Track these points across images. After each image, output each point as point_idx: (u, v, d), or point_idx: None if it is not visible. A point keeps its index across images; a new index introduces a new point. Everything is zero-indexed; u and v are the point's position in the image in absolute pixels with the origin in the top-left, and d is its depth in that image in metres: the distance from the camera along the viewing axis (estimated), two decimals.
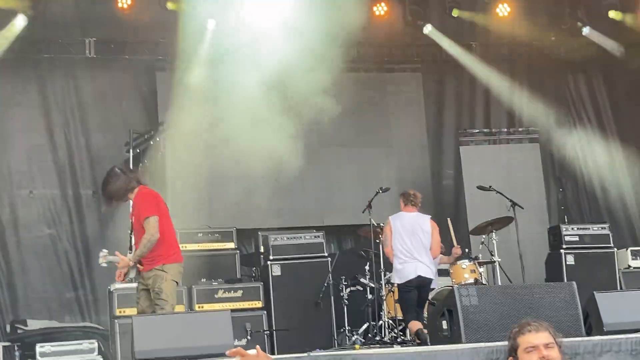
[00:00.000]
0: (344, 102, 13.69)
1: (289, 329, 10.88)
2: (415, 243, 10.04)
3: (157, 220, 7.71)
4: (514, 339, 4.67)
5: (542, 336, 4.59)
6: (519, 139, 14.76)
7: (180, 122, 12.74)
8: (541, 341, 4.59)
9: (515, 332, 4.67)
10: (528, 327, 4.60)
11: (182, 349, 5.92)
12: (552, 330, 4.65)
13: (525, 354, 4.58)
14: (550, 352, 4.58)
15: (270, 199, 13.26)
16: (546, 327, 4.64)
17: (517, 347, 4.65)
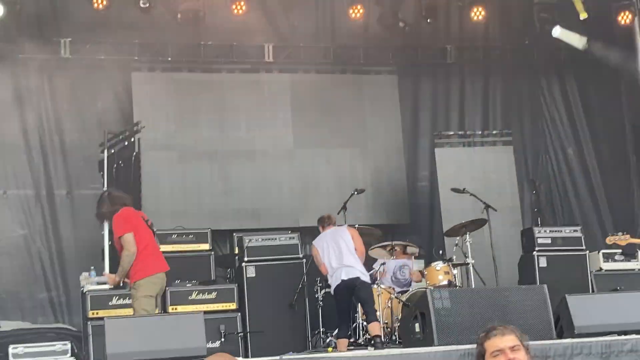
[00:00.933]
0: (320, 103, 13.76)
1: (263, 331, 10.86)
2: (339, 251, 10.17)
3: (131, 236, 8.13)
4: (481, 344, 4.72)
5: (508, 339, 4.64)
6: (493, 141, 14.86)
7: (155, 123, 12.73)
8: (507, 344, 4.65)
9: (482, 337, 4.72)
10: (494, 332, 4.65)
11: (154, 352, 5.92)
12: (518, 333, 4.70)
13: (492, 358, 4.64)
14: (516, 354, 4.63)
15: (246, 200, 13.28)
16: (512, 330, 4.69)
17: (484, 352, 4.70)
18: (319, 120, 13.86)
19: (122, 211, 8.43)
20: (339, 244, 10.22)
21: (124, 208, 8.49)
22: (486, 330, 4.74)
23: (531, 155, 15.04)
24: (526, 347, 4.67)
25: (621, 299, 7.40)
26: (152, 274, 8.23)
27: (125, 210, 8.45)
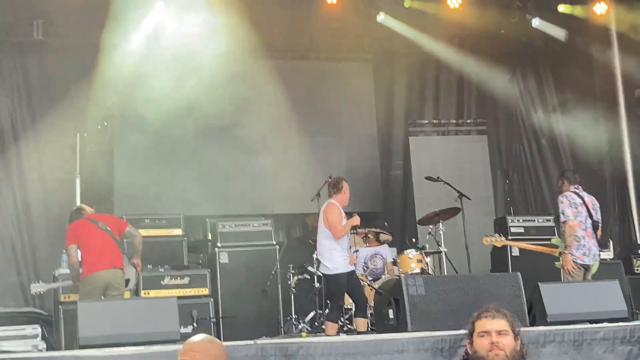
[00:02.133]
0: (295, 91, 13.71)
1: (236, 317, 10.86)
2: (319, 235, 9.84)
3: (72, 248, 9.16)
4: (472, 323, 4.80)
5: (497, 323, 4.70)
6: (467, 130, 14.91)
7: (128, 107, 12.63)
8: (494, 327, 4.70)
9: (474, 316, 4.81)
10: (486, 313, 4.73)
11: (127, 335, 5.86)
12: (510, 319, 4.75)
13: (478, 337, 4.72)
14: (501, 339, 4.68)
15: (219, 186, 13.22)
16: (504, 314, 4.75)
17: (473, 330, 4.77)
18: (294, 107, 13.81)
19: (72, 224, 9.39)
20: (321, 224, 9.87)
21: (75, 222, 9.41)
22: (480, 310, 4.81)
23: (505, 144, 15.12)
24: (516, 333, 4.73)
25: (593, 288, 7.44)
26: (89, 274, 9.05)
27: (74, 224, 9.38)
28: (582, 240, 10.04)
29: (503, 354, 4.69)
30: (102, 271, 9.06)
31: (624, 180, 14.84)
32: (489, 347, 4.71)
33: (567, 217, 9.82)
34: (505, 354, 4.70)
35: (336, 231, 9.58)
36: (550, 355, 6.15)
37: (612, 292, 7.18)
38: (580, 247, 9.95)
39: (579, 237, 9.96)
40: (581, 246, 9.98)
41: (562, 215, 9.85)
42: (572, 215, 9.84)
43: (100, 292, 8.94)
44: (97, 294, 8.86)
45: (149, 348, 5.44)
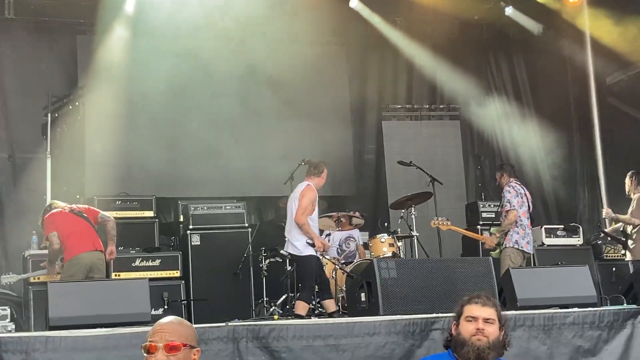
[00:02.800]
0: (268, 75, 13.65)
1: (207, 299, 10.85)
2: (289, 217, 9.88)
3: (54, 235, 9.37)
4: (461, 306, 4.90)
5: (486, 311, 4.81)
6: (439, 115, 14.94)
7: (100, 87, 12.52)
8: (482, 314, 4.81)
9: (464, 300, 4.92)
10: (477, 299, 4.83)
11: (97, 317, 5.83)
12: (498, 309, 4.86)
13: (465, 321, 4.83)
14: (487, 327, 4.79)
15: (192, 169, 13.16)
16: (494, 304, 4.86)
17: (461, 313, 4.86)
18: (267, 90, 13.76)
19: (48, 215, 9.60)
20: (292, 206, 9.86)
21: (51, 212, 9.62)
22: (471, 295, 4.90)
23: (477, 130, 15.15)
24: (502, 323, 4.83)
25: (563, 274, 7.49)
26: (72, 257, 9.29)
27: (51, 214, 9.59)
28: (527, 229, 10.27)
29: (486, 341, 4.77)
30: (85, 253, 9.32)
31: (594, 167, 14.94)
32: (473, 332, 4.79)
33: (513, 207, 10.11)
34: (488, 341, 4.78)
35: (300, 216, 9.59)
36: (520, 339, 6.20)
37: (582, 277, 7.23)
38: (525, 236, 10.21)
39: (524, 226, 10.24)
40: (526, 235, 10.24)
41: (508, 204, 10.15)
42: (518, 205, 10.14)
43: (84, 274, 9.13)
44: (81, 276, 9.05)
45: (119, 329, 5.42)
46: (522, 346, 6.19)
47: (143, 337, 4.27)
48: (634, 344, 6.51)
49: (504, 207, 10.32)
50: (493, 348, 4.82)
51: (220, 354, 5.50)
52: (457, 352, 4.89)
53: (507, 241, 10.21)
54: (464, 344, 4.84)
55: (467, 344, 4.82)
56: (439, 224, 10.67)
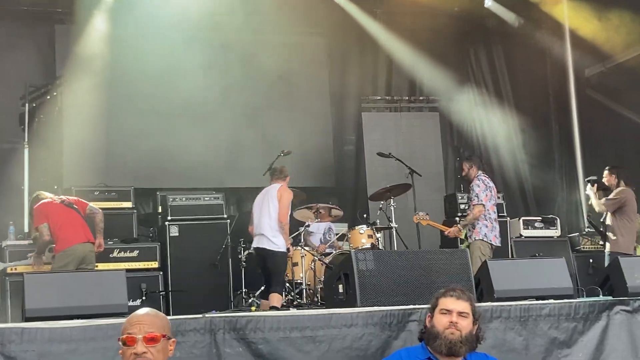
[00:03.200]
0: (248, 65, 13.62)
1: (185, 290, 10.84)
2: (262, 216, 10.12)
3: (44, 227, 9.47)
4: (437, 298, 4.94)
5: (461, 305, 4.85)
6: (419, 107, 14.97)
7: (79, 77, 12.46)
8: (457, 308, 4.85)
9: (440, 293, 4.96)
10: (452, 293, 4.87)
11: (74, 308, 5.80)
12: (473, 304, 4.90)
13: (439, 314, 4.88)
14: (461, 320, 4.83)
15: (170, 159, 13.13)
16: (469, 298, 4.90)
17: (436, 306, 4.89)
18: (247, 80, 13.74)
19: (38, 206, 9.62)
20: (265, 205, 10.14)
21: (41, 202, 9.64)
22: (447, 288, 4.94)
23: (456, 122, 15.18)
24: (476, 317, 4.88)
25: (540, 265, 7.51)
26: (65, 248, 9.39)
27: (41, 205, 9.62)
28: (495, 222, 10.33)
29: (459, 334, 4.81)
30: (78, 244, 9.46)
31: (572, 160, 15.02)
32: (447, 325, 4.83)
33: (480, 201, 10.14)
34: (461, 334, 4.82)
35: (285, 215, 10.01)
36: (497, 330, 6.22)
37: (558, 269, 7.26)
38: (493, 229, 10.27)
39: (492, 220, 10.30)
40: (494, 228, 10.30)
41: (476, 198, 10.17)
42: (486, 199, 10.17)
43: (76, 265, 9.28)
44: (73, 267, 9.20)
45: (96, 321, 5.40)
46: (498, 337, 6.21)
47: (120, 329, 4.27)
48: (609, 335, 6.54)
49: (472, 200, 10.36)
50: (465, 342, 4.86)
51: (197, 345, 5.48)
52: (430, 344, 4.93)
53: (475, 234, 10.24)
54: (437, 337, 4.87)
55: (440, 337, 4.85)
56: (420, 220, 10.70)
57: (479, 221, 10.24)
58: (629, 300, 6.73)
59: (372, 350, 5.84)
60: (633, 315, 6.67)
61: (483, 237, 10.18)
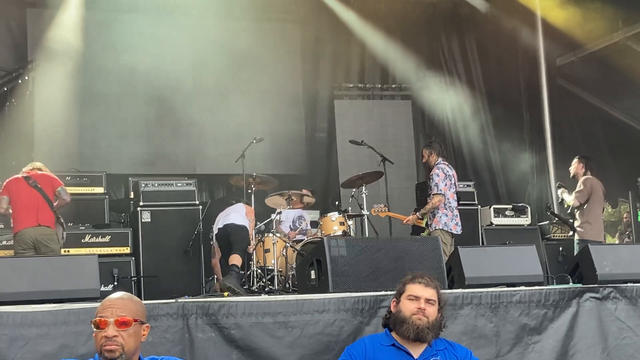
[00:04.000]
0: (221, 51, 13.58)
1: (157, 276, 10.82)
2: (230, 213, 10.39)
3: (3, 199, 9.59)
4: (404, 284, 4.96)
5: (428, 291, 4.90)
6: (391, 95, 14.99)
7: (51, 62, 12.37)
8: (425, 295, 4.90)
9: (407, 279, 4.97)
10: (420, 279, 4.90)
11: (45, 292, 5.77)
12: (439, 291, 4.94)
13: (406, 300, 4.91)
14: (428, 307, 4.88)
15: (143, 145, 13.09)
16: (435, 285, 4.94)
17: (403, 291, 4.92)
18: (219, 66, 13.70)
19: (7, 181, 9.74)
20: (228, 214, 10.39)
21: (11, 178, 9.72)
22: (415, 274, 4.97)
23: (428, 110, 15.21)
24: (441, 305, 4.92)
25: (510, 253, 7.55)
26: (16, 231, 9.46)
27: (9, 180, 9.72)
28: (455, 211, 10.35)
29: (426, 321, 4.86)
30: (27, 228, 9.41)
31: (543, 148, 15.14)
32: (414, 311, 4.87)
33: (439, 191, 10.13)
34: (428, 321, 4.88)
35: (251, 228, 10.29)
36: (468, 317, 6.27)
37: (529, 256, 7.30)
38: (454, 218, 10.29)
39: (452, 208, 10.31)
40: (455, 216, 10.31)
41: (435, 187, 10.14)
42: (446, 187, 10.16)
43: (30, 248, 9.32)
44: (28, 251, 9.25)
45: (68, 305, 5.38)
46: (469, 324, 6.26)
47: (92, 313, 4.26)
48: (579, 322, 6.61)
49: (431, 189, 10.32)
50: (432, 329, 4.91)
51: (169, 330, 5.48)
52: (396, 329, 4.96)
53: (435, 223, 10.21)
54: (404, 322, 4.90)
55: (407, 322, 4.89)
56: (379, 212, 10.74)
57: (439, 210, 10.19)
58: (599, 287, 6.80)
59: (344, 336, 5.86)
60: (602, 303, 6.75)
61: (443, 226, 10.17)
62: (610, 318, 6.73)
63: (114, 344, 4.06)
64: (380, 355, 4.97)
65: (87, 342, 5.15)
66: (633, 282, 6.97)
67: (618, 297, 6.82)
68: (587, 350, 6.56)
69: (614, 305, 6.78)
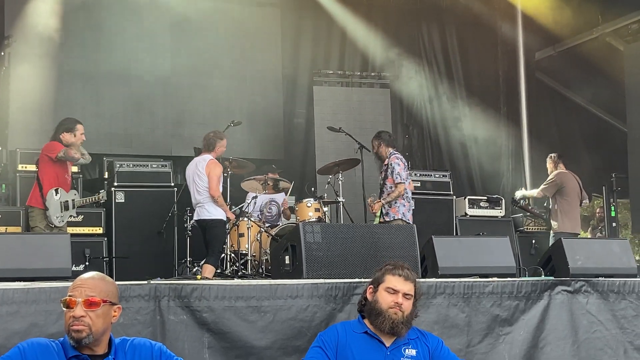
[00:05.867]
0: (200, 33, 13.52)
1: (129, 257, 10.77)
2: (193, 191, 10.13)
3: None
4: (384, 274, 4.94)
5: (407, 286, 4.90)
6: (370, 83, 14.95)
7: (28, 38, 12.25)
8: (403, 289, 4.90)
9: (387, 269, 4.96)
10: (400, 272, 4.89)
11: (16, 270, 5.73)
12: (417, 286, 4.95)
13: (384, 291, 4.91)
14: (405, 302, 4.89)
15: (118, 125, 13.01)
16: (414, 280, 4.95)
17: (381, 282, 4.91)
18: (198, 49, 13.64)
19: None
20: (193, 180, 10.14)
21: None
22: (395, 265, 4.95)
23: (406, 99, 15.21)
24: (417, 298, 4.93)
25: (484, 243, 7.60)
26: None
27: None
28: (411, 201, 10.36)
29: (401, 315, 4.88)
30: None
31: (519, 141, 15.21)
32: (391, 305, 4.88)
33: (402, 180, 10.09)
34: (404, 316, 4.89)
35: (216, 189, 9.94)
36: (440, 306, 6.30)
37: (502, 248, 7.35)
38: (410, 208, 10.27)
39: (409, 199, 10.31)
40: (411, 207, 10.31)
41: (398, 177, 10.08)
42: (405, 177, 10.14)
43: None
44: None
45: (39, 284, 5.35)
46: (441, 313, 6.29)
47: (63, 292, 4.23)
48: (550, 315, 6.67)
49: (392, 178, 10.14)
50: (406, 323, 4.93)
51: (141, 311, 5.46)
52: (371, 319, 4.95)
53: (394, 213, 10.10)
54: (379, 314, 4.90)
55: (382, 315, 4.89)
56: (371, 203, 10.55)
57: (397, 200, 10.15)
58: (571, 281, 6.85)
59: (316, 322, 5.88)
60: (574, 296, 6.80)
61: (402, 216, 10.13)
62: (581, 311, 6.78)
63: (81, 324, 4.02)
64: (353, 342, 4.97)
65: (57, 321, 5.12)
66: (605, 276, 7.03)
67: (589, 291, 6.88)
68: (557, 342, 6.61)
69: (585, 298, 6.84)
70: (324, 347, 4.95)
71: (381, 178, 10.44)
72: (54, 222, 9.13)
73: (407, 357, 4.96)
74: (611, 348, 6.77)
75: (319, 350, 4.94)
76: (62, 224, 9.27)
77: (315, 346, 4.99)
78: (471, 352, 6.29)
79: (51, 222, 9.13)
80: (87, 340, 4.03)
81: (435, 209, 12.24)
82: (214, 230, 9.94)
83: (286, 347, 5.75)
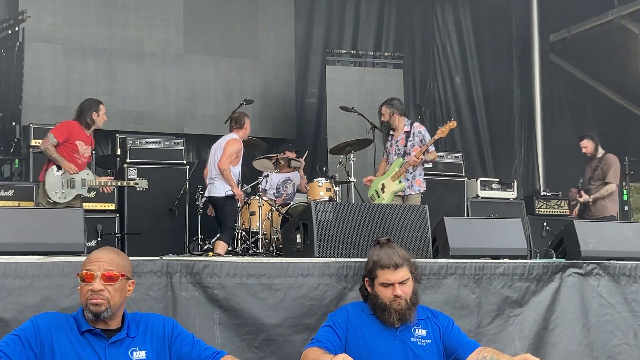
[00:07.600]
0: (214, 11, 13.49)
1: (141, 234, 10.81)
2: (212, 165, 10.22)
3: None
4: (374, 268, 4.91)
5: (399, 273, 4.89)
6: (384, 63, 14.88)
7: (42, 13, 12.27)
8: (396, 279, 4.89)
9: (375, 262, 4.94)
10: (387, 263, 4.87)
11: (29, 244, 5.74)
12: (409, 263, 4.92)
13: (381, 287, 4.90)
14: (404, 288, 4.88)
15: (132, 102, 13.03)
16: (404, 261, 4.90)
17: (374, 277, 4.90)
18: (212, 27, 13.63)
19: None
20: (215, 155, 10.24)
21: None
22: (380, 256, 4.94)
23: (420, 80, 15.20)
24: (415, 274, 4.91)
25: (496, 225, 7.57)
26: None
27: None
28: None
29: (404, 302, 4.89)
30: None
31: (532, 124, 15.16)
32: (392, 298, 4.89)
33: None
34: (407, 301, 4.89)
35: (224, 162, 10.00)
36: (451, 286, 6.29)
37: (514, 230, 7.33)
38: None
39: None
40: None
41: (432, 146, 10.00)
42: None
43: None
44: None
45: (52, 258, 5.36)
46: (451, 294, 6.29)
47: (76, 267, 4.25)
48: (561, 297, 6.65)
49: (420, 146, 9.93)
50: (412, 305, 4.93)
51: (153, 287, 5.48)
52: (378, 315, 4.96)
53: (419, 185, 9.99)
54: (384, 309, 4.91)
55: (387, 309, 4.90)
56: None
57: (421, 171, 10.02)
58: (582, 263, 6.84)
59: (327, 301, 5.88)
60: (585, 279, 6.79)
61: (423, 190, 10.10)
62: (592, 294, 6.77)
63: (100, 297, 4.06)
64: (363, 323, 4.99)
65: (70, 295, 5.14)
66: (616, 259, 7.01)
67: (601, 273, 6.86)
68: (567, 324, 6.60)
69: (597, 281, 6.83)
70: (335, 327, 4.97)
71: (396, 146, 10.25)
72: (52, 198, 9.14)
73: (417, 337, 4.97)
74: (621, 331, 6.76)
75: (330, 329, 4.96)
76: (63, 200, 9.25)
77: (326, 325, 5.01)
78: (481, 333, 6.29)
79: (49, 197, 9.14)
80: (105, 314, 4.07)
81: (447, 190, 12.21)
82: (225, 207, 10.03)
83: (297, 324, 5.76)
